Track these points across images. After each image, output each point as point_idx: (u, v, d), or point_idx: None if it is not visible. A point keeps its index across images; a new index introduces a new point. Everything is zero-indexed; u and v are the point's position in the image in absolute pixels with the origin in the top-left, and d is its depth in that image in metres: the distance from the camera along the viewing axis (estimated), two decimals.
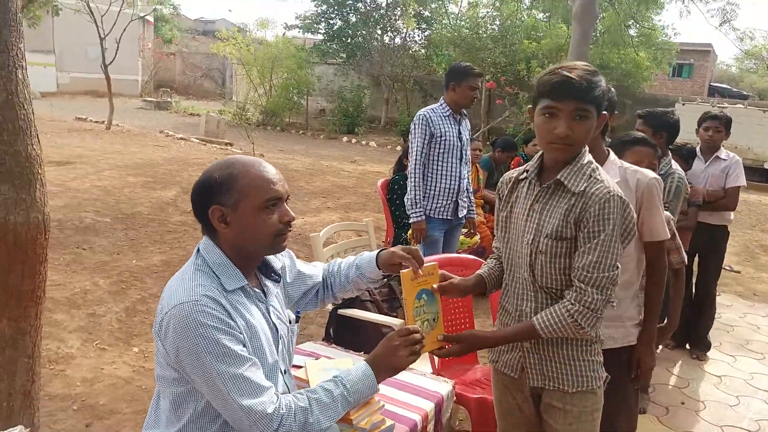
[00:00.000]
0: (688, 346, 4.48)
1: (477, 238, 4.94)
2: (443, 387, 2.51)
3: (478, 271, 2.06)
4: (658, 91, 24.54)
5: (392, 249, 1.88)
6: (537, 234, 1.77)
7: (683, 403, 3.70)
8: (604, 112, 1.78)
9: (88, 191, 6.85)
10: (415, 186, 3.96)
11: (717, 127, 4.29)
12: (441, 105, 4.05)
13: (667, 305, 2.65)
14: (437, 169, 4.00)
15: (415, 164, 3.97)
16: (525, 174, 1.87)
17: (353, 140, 17.81)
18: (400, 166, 5.19)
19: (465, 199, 4.16)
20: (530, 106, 1.79)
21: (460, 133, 4.04)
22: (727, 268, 7.07)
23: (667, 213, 2.66)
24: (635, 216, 1.81)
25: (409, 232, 4.71)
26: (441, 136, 3.97)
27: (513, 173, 1.94)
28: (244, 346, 1.54)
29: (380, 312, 3.19)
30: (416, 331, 1.67)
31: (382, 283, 2.09)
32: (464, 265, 3.32)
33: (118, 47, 14.10)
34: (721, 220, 4.36)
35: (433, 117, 3.98)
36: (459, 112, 4.06)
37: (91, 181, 7.33)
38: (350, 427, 1.96)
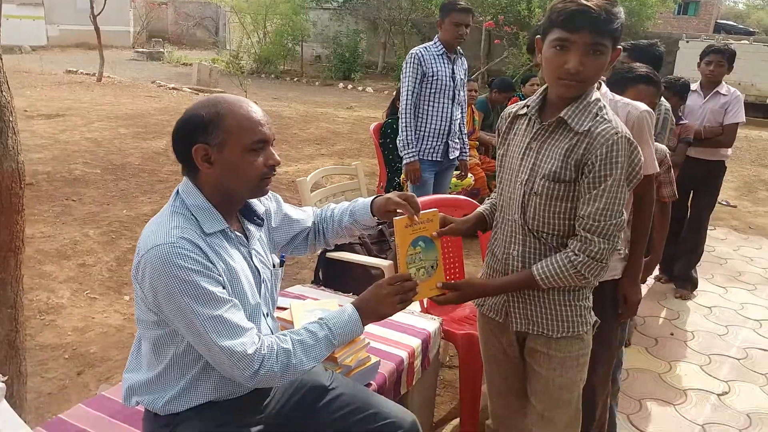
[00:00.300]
0: (673, 284, 4.46)
1: (471, 179, 4.89)
2: (430, 324, 2.51)
3: (478, 209, 1.99)
4: (663, 29, 23.98)
5: (387, 195, 1.82)
6: (532, 174, 1.67)
7: (672, 334, 3.73)
8: (619, 47, 1.62)
9: (78, 143, 6.79)
10: (406, 126, 3.88)
11: (719, 61, 4.14)
12: (435, 43, 3.92)
13: (652, 238, 2.60)
14: (428, 110, 3.92)
15: (407, 104, 3.88)
16: (525, 109, 1.74)
17: (349, 86, 17.54)
18: (393, 110, 5.09)
19: (457, 141, 4.09)
20: (538, 36, 1.63)
21: (453, 72, 3.92)
22: (724, 203, 7.05)
23: (663, 146, 2.62)
24: (642, 158, 1.69)
25: (402, 175, 4.68)
26: (433, 76, 3.85)
27: (513, 108, 1.82)
28: (224, 288, 1.51)
29: (369, 254, 3.16)
30: (408, 278, 1.63)
31: (376, 230, 2.04)
32: (457, 205, 3.28)
33: None
34: (718, 155, 4.25)
35: (425, 55, 3.86)
36: (453, 50, 3.94)
37: (81, 133, 7.27)
38: (335, 365, 1.96)
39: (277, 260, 1.81)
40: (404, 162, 3.93)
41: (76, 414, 1.83)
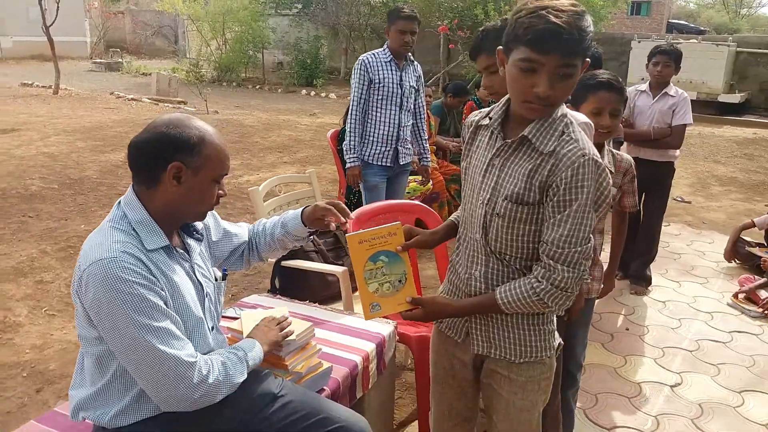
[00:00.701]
0: (628, 281, 4.54)
1: (429, 184, 4.96)
2: (385, 328, 2.54)
3: (450, 217, 1.92)
4: (617, 30, 24.51)
5: (315, 203, 1.91)
6: (494, 194, 1.58)
7: (628, 329, 3.84)
8: (588, 59, 1.48)
9: (34, 158, 6.67)
10: (350, 131, 3.94)
11: (666, 62, 4.19)
12: (383, 50, 3.97)
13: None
14: (375, 116, 3.97)
15: (353, 110, 3.94)
16: (488, 120, 1.63)
17: (312, 93, 17.52)
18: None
19: (408, 147, 4.13)
20: (500, 47, 1.51)
21: (401, 80, 3.97)
22: (678, 199, 7.25)
23: (628, 156, 2.58)
24: (611, 181, 1.69)
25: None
26: (379, 83, 3.90)
27: (475, 116, 1.72)
28: (166, 303, 1.53)
29: (325, 261, 3.19)
30: (283, 319, 1.97)
31: (308, 240, 2.08)
32: (410, 210, 3.34)
33: (58, 7, 13.53)
34: (666, 157, 4.30)
35: (372, 62, 3.92)
36: (401, 58, 3.98)
37: (37, 148, 7.14)
38: (286, 372, 1.99)
39: (219, 274, 1.85)
40: (346, 166, 4.00)
41: (28, 429, 1.82)
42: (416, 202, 3.82)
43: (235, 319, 2.29)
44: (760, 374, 3.36)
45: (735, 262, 5.04)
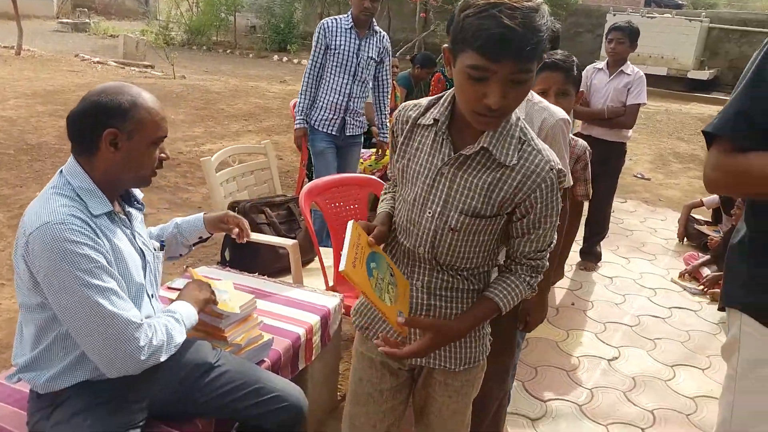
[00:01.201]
0: (579, 257, 4.63)
1: (387, 159, 4.99)
2: (331, 301, 2.61)
3: (384, 209, 1.67)
4: (596, 2, 24.50)
5: (227, 212, 2.19)
6: (446, 207, 1.45)
7: (573, 304, 3.97)
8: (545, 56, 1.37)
9: None
10: (302, 93, 3.99)
11: (620, 38, 4.20)
12: (347, 16, 3.95)
13: (558, 243, 2.65)
14: (328, 82, 3.98)
15: (308, 73, 3.98)
16: (430, 120, 1.46)
17: (285, 59, 17.30)
18: None
19: (358, 120, 4.15)
20: (446, 45, 1.34)
21: (358, 48, 3.95)
22: (638, 175, 7.41)
23: (583, 142, 2.55)
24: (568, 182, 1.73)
25: None
26: (335, 49, 3.90)
27: (411, 112, 1.51)
28: (110, 266, 1.58)
29: (278, 234, 3.24)
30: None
31: (190, 249, 2.22)
32: (364, 184, 3.39)
33: None
34: (619, 137, 4.33)
35: (332, 27, 3.92)
36: (364, 26, 3.95)
37: None
38: (225, 344, 2.04)
39: (157, 244, 1.90)
40: (294, 128, 4.08)
41: None
42: (369, 175, 3.85)
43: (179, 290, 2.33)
44: (693, 349, 3.52)
45: (686, 241, 5.20)
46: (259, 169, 3.56)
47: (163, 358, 1.64)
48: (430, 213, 1.47)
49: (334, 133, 4.07)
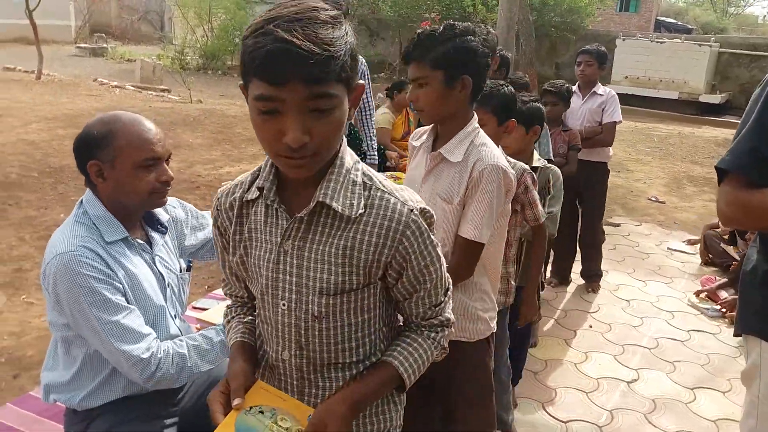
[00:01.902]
0: (583, 280, 4.58)
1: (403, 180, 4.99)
2: None
3: (234, 339, 1.31)
4: (606, 26, 24.73)
5: None
6: (301, 292, 1.16)
7: (591, 327, 3.97)
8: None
9: (14, 145, 6.68)
10: None
11: (588, 61, 4.25)
12: None
13: (528, 266, 2.65)
14: None
15: None
16: (255, 192, 1.18)
17: None
18: None
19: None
20: (241, 83, 1.07)
21: None
22: (653, 199, 7.42)
23: (522, 164, 2.31)
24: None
25: None
26: None
27: (234, 194, 1.24)
28: (124, 294, 1.63)
29: None
30: None
31: None
32: None
33: None
34: (601, 156, 4.33)
35: None
36: None
37: (18, 135, 7.14)
38: None
39: (183, 265, 1.94)
40: None
41: (4, 412, 1.92)
42: None
43: (205, 310, 2.39)
44: (713, 372, 3.51)
45: (708, 258, 5.18)
46: None
47: (176, 385, 1.69)
48: (284, 305, 1.17)
49: None
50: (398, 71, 19.08)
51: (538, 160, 2.77)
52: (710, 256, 5.17)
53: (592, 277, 4.57)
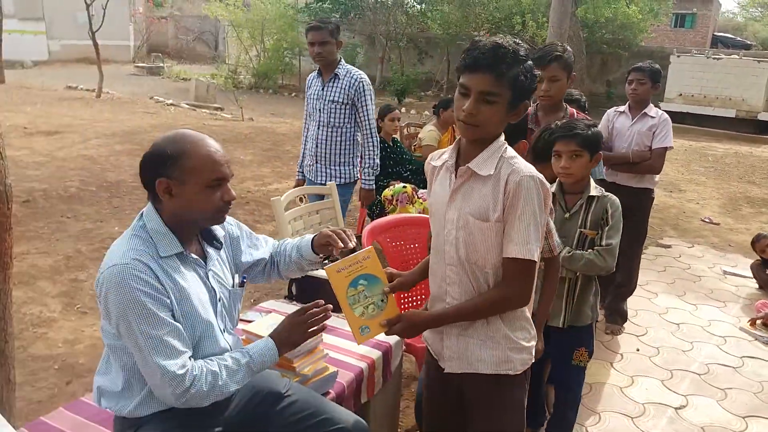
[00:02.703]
0: (603, 318, 4.15)
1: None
2: (392, 338, 2.66)
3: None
4: (660, 42, 24.25)
5: (322, 229, 2.04)
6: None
7: (638, 350, 3.87)
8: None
9: (75, 160, 6.98)
10: (302, 145, 4.24)
11: (641, 79, 3.94)
12: None
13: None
14: (306, 130, 4.19)
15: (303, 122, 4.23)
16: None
17: None
18: (376, 128, 5.27)
19: (332, 168, 4.07)
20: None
21: (321, 92, 3.99)
22: (706, 220, 7.21)
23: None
24: None
25: (385, 192, 4.83)
26: (307, 98, 4.11)
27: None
28: (171, 310, 1.68)
29: None
30: (316, 306, 1.89)
31: (321, 265, 2.19)
32: (416, 223, 3.45)
33: (104, 13, 14.03)
34: (644, 182, 4.01)
35: (310, 77, 4.14)
36: (327, 70, 3.98)
37: (78, 151, 7.46)
38: (293, 374, 2.13)
39: (237, 281, 1.98)
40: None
41: (56, 416, 2.00)
42: (425, 215, 3.90)
43: (249, 322, 2.45)
44: (767, 400, 3.37)
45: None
46: (325, 209, 3.69)
47: (205, 403, 1.71)
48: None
49: (318, 181, 4.07)
50: (446, 89, 19.15)
51: (595, 188, 2.57)
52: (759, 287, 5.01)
53: (616, 315, 4.14)
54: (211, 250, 1.90)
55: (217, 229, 1.94)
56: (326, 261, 2.14)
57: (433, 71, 20.74)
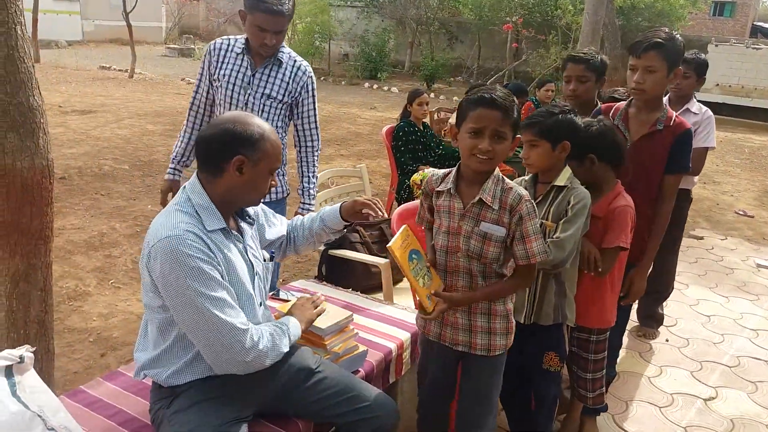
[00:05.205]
0: (637, 321, 3.97)
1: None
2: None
3: None
4: (698, 31, 23.67)
5: (354, 198, 2.19)
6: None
7: (668, 341, 3.84)
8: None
9: (109, 139, 7.10)
10: (179, 135, 3.04)
11: (685, 72, 3.50)
12: (243, 37, 2.84)
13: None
14: (195, 116, 3.00)
15: (188, 109, 3.02)
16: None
17: (375, 86, 17.70)
18: (406, 113, 5.27)
19: None
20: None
21: (251, 81, 2.80)
22: (740, 212, 7.07)
23: (522, 191, 2.03)
24: None
25: (414, 176, 4.84)
26: (218, 80, 2.82)
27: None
28: (222, 277, 1.73)
29: (370, 253, 3.35)
30: (314, 294, 2.17)
31: (341, 233, 2.30)
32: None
33: None
34: (683, 183, 3.43)
35: (220, 49, 2.84)
36: (263, 54, 2.78)
37: (112, 130, 7.59)
38: (324, 351, 2.16)
39: (267, 255, 2.04)
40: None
41: (94, 385, 2.06)
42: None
43: (286, 301, 2.50)
44: None
45: None
46: (354, 191, 3.71)
47: (268, 363, 1.77)
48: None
49: None
50: (476, 75, 18.98)
51: (566, 179, 2.35)
52: None
53: (651, 319, 3.94)
54: (245, 226, 1.96)
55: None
56: (346, 228, 2.27)
57: (463, 57, 20.54)
